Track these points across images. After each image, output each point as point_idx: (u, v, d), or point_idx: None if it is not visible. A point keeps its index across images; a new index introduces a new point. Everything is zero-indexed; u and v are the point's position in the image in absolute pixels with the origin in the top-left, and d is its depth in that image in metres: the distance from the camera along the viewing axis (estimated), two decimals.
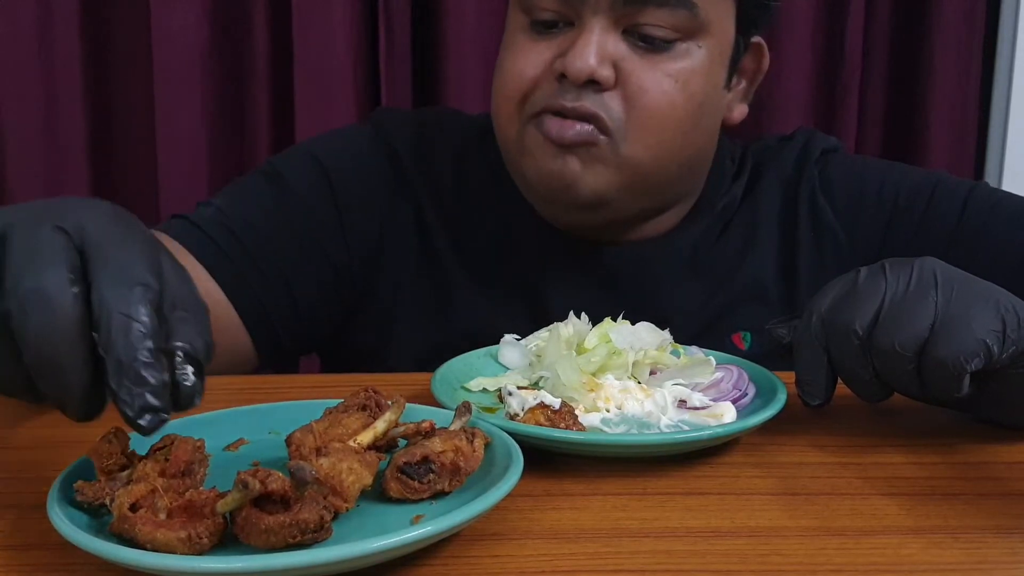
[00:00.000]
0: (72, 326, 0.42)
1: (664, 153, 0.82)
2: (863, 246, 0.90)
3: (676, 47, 0.80)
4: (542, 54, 0.81)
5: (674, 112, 0.80)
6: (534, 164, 0.82)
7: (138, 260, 0.44)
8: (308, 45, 1.34)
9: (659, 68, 0.79)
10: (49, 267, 0.42)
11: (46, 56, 1.37)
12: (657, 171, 0.82)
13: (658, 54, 0.79)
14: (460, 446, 0.49)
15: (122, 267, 0.43)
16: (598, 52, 0.77)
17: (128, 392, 0.41)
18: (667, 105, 0.80)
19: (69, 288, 0.42)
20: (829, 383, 0.61)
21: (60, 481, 0.47)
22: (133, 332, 0.41)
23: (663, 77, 0.79)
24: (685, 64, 0.80)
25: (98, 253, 0.43)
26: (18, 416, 0.68)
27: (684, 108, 0.81)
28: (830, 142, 0.96)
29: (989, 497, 0.54)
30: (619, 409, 0.63)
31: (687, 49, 0.80)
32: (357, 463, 0.45)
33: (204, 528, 0.41)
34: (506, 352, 0.73)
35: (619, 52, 0.79)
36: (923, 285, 0.57)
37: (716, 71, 0.83)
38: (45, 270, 0.42)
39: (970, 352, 0.54)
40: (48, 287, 0.42)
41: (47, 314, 0.41)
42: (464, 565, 0.45)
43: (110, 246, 0.44)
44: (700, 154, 0.87)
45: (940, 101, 1.42)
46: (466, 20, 1.35)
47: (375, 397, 0.53)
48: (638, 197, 0.85)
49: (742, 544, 0.47)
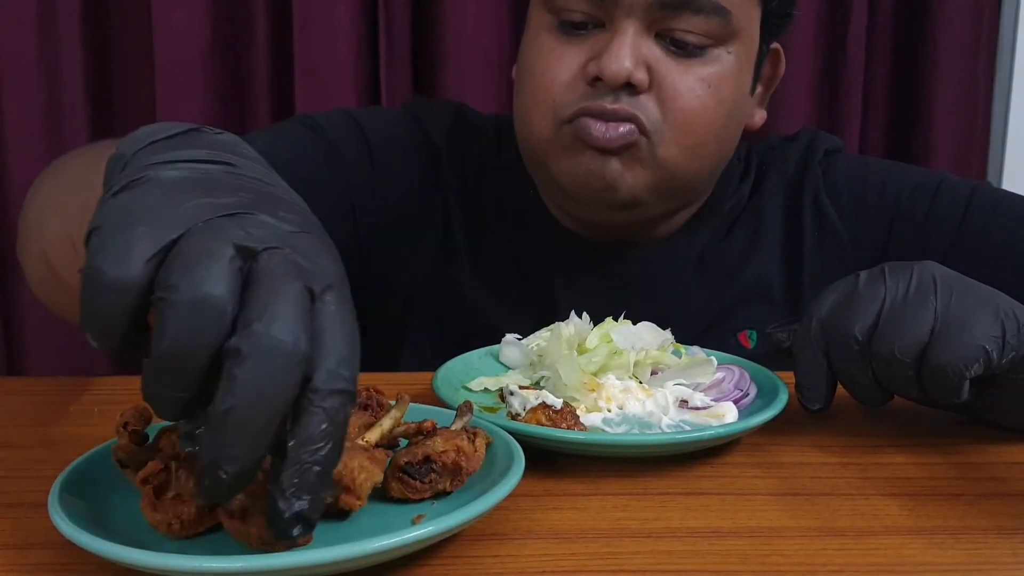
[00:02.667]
0: (290, 394, 0.36)
1: (697, 156, 0.82)
2: (865, 246, 0.90)
3: (708, 53, 0.80)
4: (574, 57, 0.81)
5: (707, 115, 0.81)
6: (571, 166, 0.82)
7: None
8: (308, 45, 1.34)
9: (692, 72, 0.80)
10: (294, 321, 0.36)
11: (49, 57, 1.37)
12: (689, 174, 0.83)
13: (691, 59, 0.80)
14: (462, 446, 0.49)
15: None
16: (633, 55, 0.77)
17: (295, 491, 0.36)
18: (700, 108, 0.80)
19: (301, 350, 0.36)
20: (829, 388, 0.61)
21: (61, 480, 0.47)
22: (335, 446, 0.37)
23: (696, 81, 0.80)
24: (716, 69, 0.81)
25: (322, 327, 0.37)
26: (18, 416, 0.69)
27: (716, 112, 0.81)
28: (833, 142, 0.97)
29: (990, 497, 0.54)
30: (620, 409, 0.63)
31: (718, 55, 0.81)
32: (367, 460, 0.45)
33: (175, 514, 0.42)
34: (507, 352, 0.74)
35: (653, 55, 0.79)
36: (922, 290, 0.57)
37: (744, 77, 0.84)
38: (289, 322, 0.35)
39: (970, 358, 0.54)
40: (287, 343, 0.35)
41: (274, 374, 0.35)
42: (465, 565, 0.45)
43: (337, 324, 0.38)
44: (725, 158, 0.88)
45: (944, 101, 1.42)
46: (466, 20, 1.35)
47: (376, 396, 0.53)
48: (666, 198, 0.85)
49: (743, 544, 0.47)
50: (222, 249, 0.36)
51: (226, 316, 0.35)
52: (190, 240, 0.37)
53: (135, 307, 0.36)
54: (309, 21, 1.33)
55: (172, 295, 0.35)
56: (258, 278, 0.36)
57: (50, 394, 0.71)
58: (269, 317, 0.35)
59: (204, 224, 0.37)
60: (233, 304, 0.35)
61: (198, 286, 0.35)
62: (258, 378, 0.34)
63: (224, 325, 0.35)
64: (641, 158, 0.80)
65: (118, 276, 0.36)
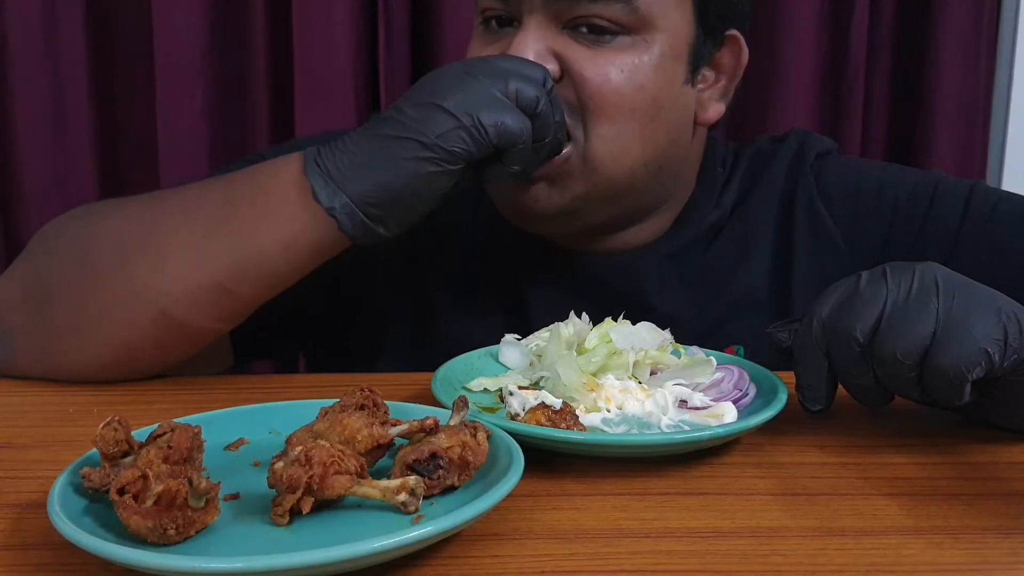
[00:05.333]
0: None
1: (623, 150, 0.80)
2: (863, 251, 0.88)
3: (618, 40, 0.79)
4: (491, 52, 0.81)
5: (623, 101, 0.79)
6: (495, 193, 0.84)
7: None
8: (308, 45, 1.34)
9: (601, 57, 0.78)
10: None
11: (52, 57, 1.37)
12: (621, 174, 0.80)
13: (600, 46, 0.78)
14: (465, 440, 0.49)
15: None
16: (535, 46, 0.77)
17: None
18: (613, 92, 0.78)
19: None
20: (830, 389, 0.61)
21: (60, 480, 0.47)
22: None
23: (606, 64, 0.78)
24: (629, 56, 0.79)
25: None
26: (18, 416, 0.69)
27: (633, 99, 0.79)
28: (824, 144, 0.94)
29: (990, 497, 0.54)
30: (620, 409, 0.63)
31: (631, 42, 0.79)
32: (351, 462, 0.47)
33: (171, 519, 0.42)
34: (506, 352, 0.73)
35: (560, 44, 0.78)
36: (924, 291, 0.56)
37: (670, 66, 0.81)
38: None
39: (971, 361, 0.54)
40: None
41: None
42: (464, 565, 0.45)
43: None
44: (666, 156, 0.84)
45: (946, 101, 1.42)
46: (465, 21, 1.35)
47: (372, 396, 0.53)
48: (605, 205, 0.83)
49: (742, 544, 0.47)
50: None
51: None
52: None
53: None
54: (308, 21, 1.34)
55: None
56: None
57: (50, 394, 0.72)
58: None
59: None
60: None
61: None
62: None
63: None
64: (570, 172, 0.79)
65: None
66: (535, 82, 0.71)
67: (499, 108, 0.69)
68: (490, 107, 0.69)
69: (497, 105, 0.69)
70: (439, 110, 0.69)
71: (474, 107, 0.69)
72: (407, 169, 0.69)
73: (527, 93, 0.70)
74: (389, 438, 0.50)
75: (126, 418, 0.49)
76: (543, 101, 0.71)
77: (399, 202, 0.70)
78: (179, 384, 0.74)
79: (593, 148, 0.79)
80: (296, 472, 0.45)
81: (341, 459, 0.46)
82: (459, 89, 0.69)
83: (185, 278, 0.70)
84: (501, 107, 0.69)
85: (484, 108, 0.69)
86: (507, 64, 0.73)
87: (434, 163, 0.69)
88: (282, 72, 1.37)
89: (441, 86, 0.70)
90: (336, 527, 0.45)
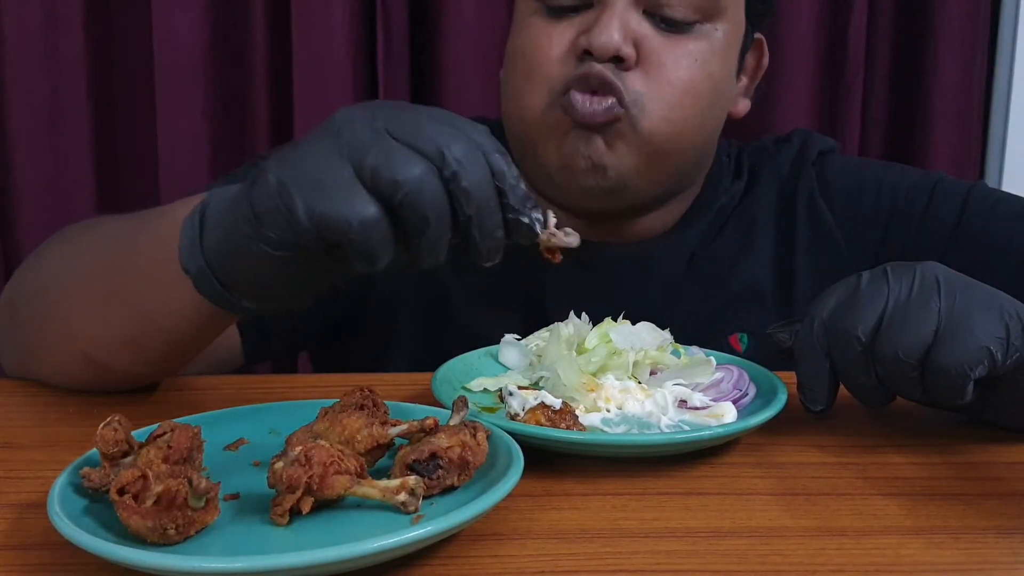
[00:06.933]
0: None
1: (682, 130, 0.83)
2: (861, 248, 0.90)
3: (696, 28, 0.82)
4: (564, 34, 0.82)
5: (693, 88, 0.82)
6: (557, 147, 0.83)
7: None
8: (307, 45, 1.34)
9: (680, 47, 0.81)
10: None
11: (52, 57, 1.37)
12: (674, 150, 0.83)
13: (679, 34, 0.81)
14: (465, 440, 0.49)
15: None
16: (621, 28, 0.79)
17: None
18: (687, 80, 0.81)
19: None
20: (831, 389, 0.61)
21: (60, 480, 0.47)
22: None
23: (684, 55, 0.81)
24: (704, 44, 0.82)
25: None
26: (18, 416, 0.69)
27: (702, 86, 0.82)
28: (827, 143, 0.96)
29: (989, 497, 0.54)
30: (619, 409, 0.63)
31: (707, 31, 0.82)
32: (351, 462, 0.47)
33: (171, 519, 0.42)
34: (506, 352, 0.74)
35: (641, 31, 0.80)
36: (926, 290, 0.56)
37: (731, 56, 0.85)
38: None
39: (973, 360, 0.54)
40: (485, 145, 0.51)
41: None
42: (464, 565, 0.45)
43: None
44: (710, 140, 0.88)
45: (944, 101, 1.41)
46: (464, 20, 1.35)
47: (371, 396, 0.53)
48: (653, 179, 0.85)
49: (742, 544, 0.47)
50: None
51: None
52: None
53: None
54: (307, 21, 1.34)
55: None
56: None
57: (50, 394, 0.71)
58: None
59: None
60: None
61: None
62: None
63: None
64: (623, 134, 0.81)
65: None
66: (427, 168, 0.50)
67: (332, 191, 0.49)
68: (316, 187, 0.50)
69: (332, 186, 0.49)
70: (265, 176, 0.52)
71: (295, 184, 0.50)
72: (243, 245, 0.53)
73: (391, 175, 0.49)
74: (389, 438, 0.50)
75: (126, 418, 0.49)
76: (429, 189, 0.50)
77: (252, 281, 0.56)
78: (179, 384, 0.74)
79: (653, 126, 0.81)
80: (296, 472, 0.45)
81: (341, 459, 0.46)
82: (305, 152, 0.51)
83: (97, 330, 0.66)
84: (336, 190, 0.49)
85: (307, 188, 0.50)
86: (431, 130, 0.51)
87: (258, 243, 0.52)
88: (282, 72, 1.37)
89: (304, 142, 0.53)
90: (336, 527, 0.45)
